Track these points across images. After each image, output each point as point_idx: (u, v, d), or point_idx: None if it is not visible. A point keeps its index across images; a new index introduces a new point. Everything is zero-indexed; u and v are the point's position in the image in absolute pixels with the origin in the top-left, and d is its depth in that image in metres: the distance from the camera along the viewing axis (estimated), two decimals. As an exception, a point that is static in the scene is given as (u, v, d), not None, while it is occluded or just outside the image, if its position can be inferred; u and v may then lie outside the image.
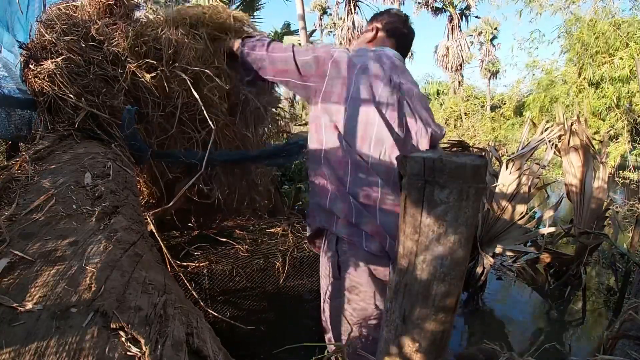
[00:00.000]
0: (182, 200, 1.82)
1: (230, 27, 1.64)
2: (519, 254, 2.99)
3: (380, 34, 1.39)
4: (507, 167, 2.85)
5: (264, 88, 1.85)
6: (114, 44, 1.45)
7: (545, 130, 2.94)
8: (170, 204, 1.60)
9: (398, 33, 1.38)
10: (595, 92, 7.88)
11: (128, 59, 1.46)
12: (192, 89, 1.53)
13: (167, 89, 1.54)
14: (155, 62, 1.49)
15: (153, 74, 1.50)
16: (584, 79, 7.96)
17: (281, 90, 2.32)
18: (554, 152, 2.95)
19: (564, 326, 2.64)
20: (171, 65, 1.54)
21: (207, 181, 1.92)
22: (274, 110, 2.11)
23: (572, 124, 2.85)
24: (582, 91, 8.03)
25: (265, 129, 2.11)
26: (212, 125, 1.54)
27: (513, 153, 2.98)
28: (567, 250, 3.41)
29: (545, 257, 3.10)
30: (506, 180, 2.80)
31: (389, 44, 1.36)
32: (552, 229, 2.95)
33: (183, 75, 1.53)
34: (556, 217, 4.16)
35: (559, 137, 2.90)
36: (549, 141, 2.88)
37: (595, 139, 3.08)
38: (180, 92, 1.57)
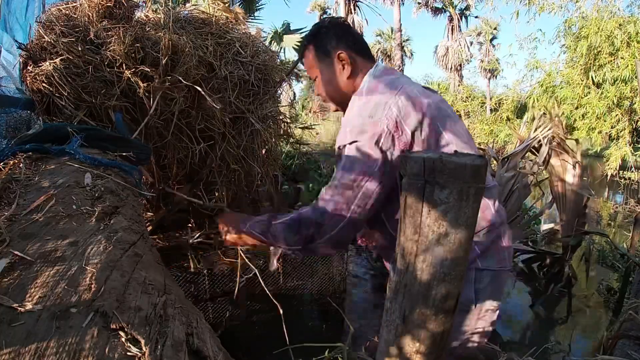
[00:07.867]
0: (183, 203, 1.82)
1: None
2: (515, 253, 3.01)
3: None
4: (502, 166, 2.89)
5: None
6: (110, 48, 1.44)
7: (539, 127, 2.97)
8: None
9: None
10: (596, 92, 7.86)
11: (124, 64, 1.44)
12: (180, 98, 1.48)
13: (162, 95, 1.51)
14: (149, 70, 1.47)
15: (146, 84, 1.47)
16: (588, 79, 7.92)
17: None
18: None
19: (563, 326, 2.64)
20: (167, 73, 1.51)
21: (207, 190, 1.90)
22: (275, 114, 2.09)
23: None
24: (589, 93, 7.96)
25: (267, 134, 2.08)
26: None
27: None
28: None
29: (542, 256, 3.13)
30: (502, 178, 2.82)
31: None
32: (551, 225, 2.98)
33: (181, 80, 1.51)
34: (556, 217, 4.17)
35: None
36: (544, 138, 2.91)
37: (571, 138, 3.12)
38: (177, 100, 1.55)
